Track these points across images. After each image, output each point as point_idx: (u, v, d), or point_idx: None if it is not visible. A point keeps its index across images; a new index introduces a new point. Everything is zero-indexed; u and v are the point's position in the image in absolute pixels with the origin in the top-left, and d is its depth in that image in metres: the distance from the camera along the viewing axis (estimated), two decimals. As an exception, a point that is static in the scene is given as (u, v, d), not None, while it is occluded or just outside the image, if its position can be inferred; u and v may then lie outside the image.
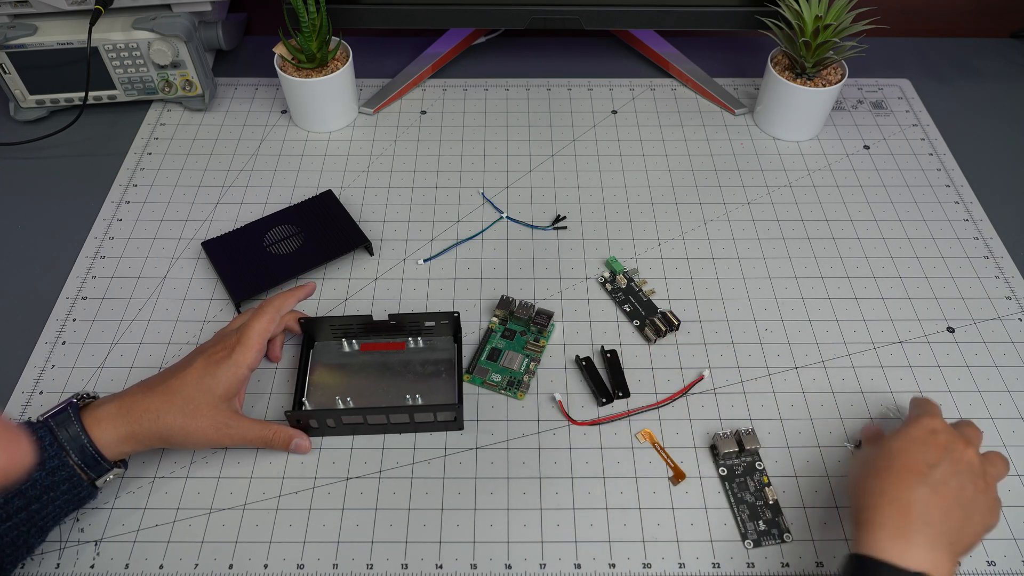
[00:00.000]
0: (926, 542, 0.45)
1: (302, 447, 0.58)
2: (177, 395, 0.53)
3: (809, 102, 0.79)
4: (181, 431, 0.53)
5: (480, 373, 0.62)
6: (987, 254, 0.72)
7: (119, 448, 0.52)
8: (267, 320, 0.58)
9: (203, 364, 0.55)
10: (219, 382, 0.54)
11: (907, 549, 0.44)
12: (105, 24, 0.78)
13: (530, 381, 0.62)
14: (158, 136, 0.83)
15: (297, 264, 0.69)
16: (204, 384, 0.54)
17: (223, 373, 0.54)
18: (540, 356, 0.64)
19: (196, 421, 0.53)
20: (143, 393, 0.53)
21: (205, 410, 0.53)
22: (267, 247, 0.70)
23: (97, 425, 0.51)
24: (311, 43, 0.76)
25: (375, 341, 0.64)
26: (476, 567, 0.53)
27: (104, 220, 0.75)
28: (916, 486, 0.47)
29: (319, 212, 0.73)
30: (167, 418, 0.52)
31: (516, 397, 0.62)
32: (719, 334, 0.66)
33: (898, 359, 0.65)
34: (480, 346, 0.64)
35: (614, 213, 0.76)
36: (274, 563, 0.53)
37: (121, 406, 0.52)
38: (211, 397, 0.54)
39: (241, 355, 0.55)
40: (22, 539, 0.49)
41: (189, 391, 0.53)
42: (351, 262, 0.71)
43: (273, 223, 0.72)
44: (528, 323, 0.65)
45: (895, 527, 0.45)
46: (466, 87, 0.89)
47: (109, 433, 0.51)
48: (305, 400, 0.60)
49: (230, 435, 0.55)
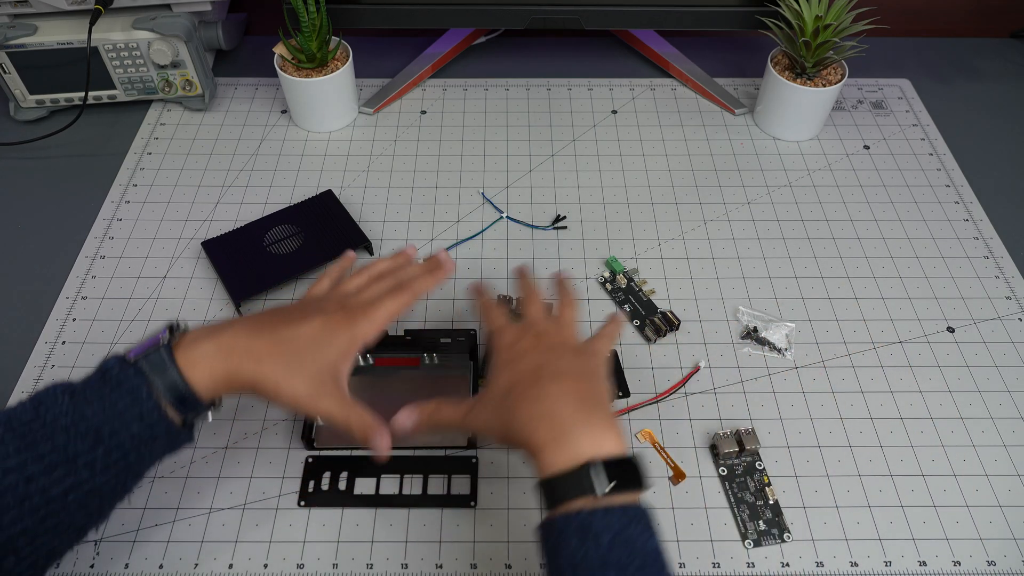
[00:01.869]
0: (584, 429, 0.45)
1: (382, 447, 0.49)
2: (286, 347, 0.48)
3: (809, 102, 0.79)
4: (275, 384, 0.48)
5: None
6: (987, 254, 0.72)
7: (215, 389, 0.47)
8: (403, 305, 0.53)
9: (321, 324, 0.50)
10: (334, 349, 0.49)
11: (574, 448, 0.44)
12: (105, 24, 0.78)
13: None
14: (158, 136, 0.83)
15: (297, 264, 0.69)
16: (318, 345, 0.49)
17: (340, 341, 0.50)
18: None
19: (294, 379, 0.48)
20: (247, 335, 0.48)
21: (309, 371, 0.48)
22: (267, 247, 0.70)
23: (193, 368, 0.46)
24: (311, 43, 0.76)
25: (390, 356, 0.63)
26: (476, 567, 0.53)
27: (104, 220, 0.75)
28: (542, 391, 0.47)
29: (319, 212, 0.73)
30: (267, 366, 0.48)
31: None
32: (719, 334, 0.66)
33: (898, 359, 0.65)
34: (486, 350, 0.64)
35: (614, 213, 0.76)
36: (274, 563, 0.53)
37: (220, 346, 0.47)
38: (320, 362, 0.49)
39: (365, 329, 0.51)
40: (120, 483, 0.46)
41: (299, 346, 0.49)
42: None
43: (273, 223, 0.72)
44: None
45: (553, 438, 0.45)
46: (466, 87, 0.89)
47: (206, 375, 0.47)
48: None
49: (321, 406, 0.49)
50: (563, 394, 0.47)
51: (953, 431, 0.60)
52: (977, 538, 0.55)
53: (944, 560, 0.54)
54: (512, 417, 0.48)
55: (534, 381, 0.48)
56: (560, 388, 0.47)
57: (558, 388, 0.47)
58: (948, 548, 0.54)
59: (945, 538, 0.55)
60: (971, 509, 0.56)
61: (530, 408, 0.47)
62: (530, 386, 0.48)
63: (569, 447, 0.44)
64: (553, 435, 0.45)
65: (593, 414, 0.46)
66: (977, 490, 0.57)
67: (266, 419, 0.60)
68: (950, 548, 0.54)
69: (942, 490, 0.57)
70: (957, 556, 0.54)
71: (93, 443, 0.43)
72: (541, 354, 0.51)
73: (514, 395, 0.48)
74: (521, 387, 0.49)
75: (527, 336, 0.53)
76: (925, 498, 0.57)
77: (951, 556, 0.54)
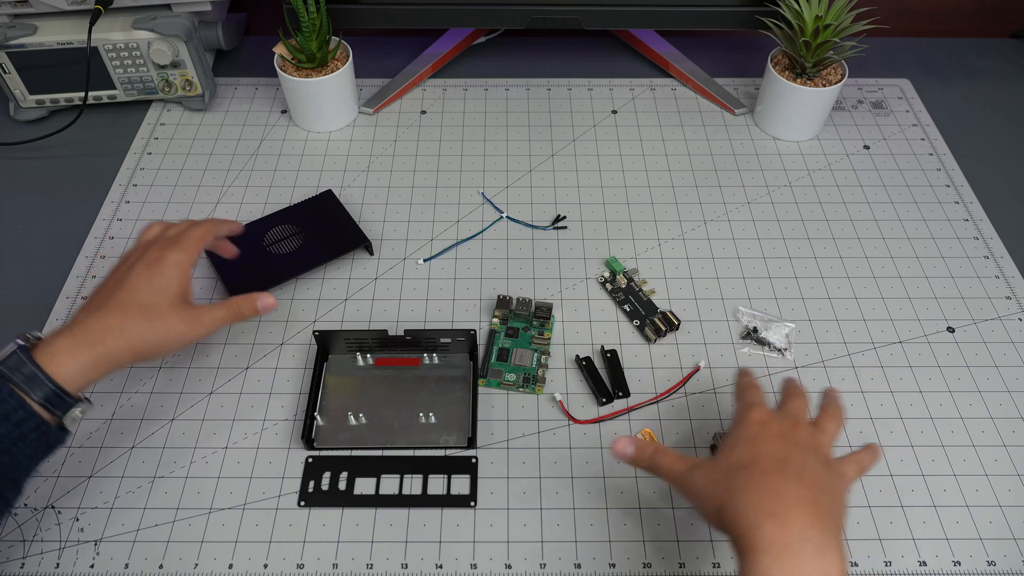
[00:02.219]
0: (814, 549, 0.41)
1: (269, 304, 0.57)
2: (132, 305, 0.51)
3: (809, 102, 0.79)
4: (152, 337, 0.51)
5: (494, 375, 0.62)
6: (987, 254, 0.72)
7: (84, 378, 0.49)
8: (206, 230, 0.57)
9: (144, 269, 0.53)
10: (169, 281, 0.52)
11: (799, 566, 0.40)
12: (105, 24, 0.78)
13: (545, 375, 0.62)
14: (158, 136, 0.83)
15: (297, 264, 0.69)
16: (155, 286, 0.52)
17: (169, 271, 0.53)
18: (549, 348, 0.64)
19: (163, 322, 0.51)
20: (94, 315, 0.50)
21: (167, 309, 0.52)
22: (267, 247, 0.70)
23: (52, 361, 0.48)
24: (311, 43, 0.76)
25: (390, 356, 0.63)
26: (476, 567, 0.53)
27: (104, 220, 0.75)
28: (782, 486, 0.43)
29: (319, 212, 0.73)
30: (132, 328, 0.50)
31: (535, 392, 0.62)
32: (719, 334, 0.66)
33: (898, 359, 0.65)
34: (487, 349, 0.64)
35: (614, 213, 0.76)
36: (274, 563, 0.53)
37: (75, 334, 0.49)
38: (168, 296, 0.52)
39: (182, 253, 0.54)
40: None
41: (143, 297, 0.51)
42: (351, 262, 0.71)
43: (273, 223, 0.72)
44: (530, 319, 0.65)
45: (780, 544, 0.40)
46: (466, 87, 0.89)
47: (69, 365, 0.48)
48: (317, 415, 0.60)
49: (202, 322, 0.53)
50: (803, 500, 0.42)
51: (953, 431, 0.60)
52: (977, 538, 0.55)
53: (944, 560, 0.54)
54: (735, 497, 0.43)
55: (775, 470, 0.44)
56: (802, 491, 0.43)
57: (799, 490, 0.43)
58: (948, 548, 0.54)
59: (945, 538, 0.55)
60: (971, 509, 0.56)
61: (759, 497, 0.43)
62: (768, 473, 0.44)
63: (793, 562, 0.40)
64: (780, 540, 0.41)
65: (829, 536, 0.41)
66: (977, 490, 0.57)
67: (266, 419, 0.60)
68: (950, 548, 0.54)
69: (942, 490, 0.57)
70: (957, 556, 0.54)
71: None
72: (790, 446, 0.46)
73: (746, 474, 0.44)
74: (758, 470, 0.44)
75: (781, 422, 0.48)
76: (925, 498, 0.57)
77: (951, 556, 0.54)
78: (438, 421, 0.60)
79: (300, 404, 0.61)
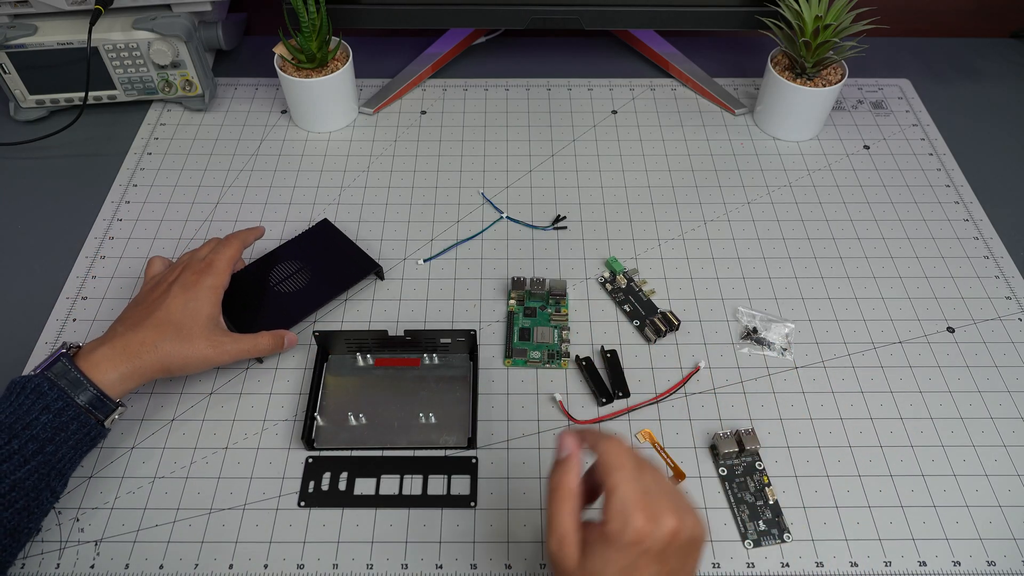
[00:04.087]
0: None
1: (293, 341, 0.63)
2: (168, 324, 0.56)
3: (809, 102, 0.79)
4: (180, 357, 0.56)
5: (519, 355, 0.63)
6: (987, 254, 0.72)
7: (122, 387, 0.54)
8: (235, 250, 0.62)
9: (181, 292, 0.58)
10: (203, 305, 0.58)
11: None
12: (105, 24, 0.78)
13: (568, 349, 0.64)
14: (158, 136, 0.83)
15: (311, 300, 0.65)
16: (190, 309, 0.57)
17: (202, 295, 0.58)
18: (568, 324, 0.65)
19: (192, 344, 0.56)
20: (133, 330, 0.55)
21: (198, 332, 0.57)
22: (275, 286, 0.67)
23: (96, 368, 0.53)
24: (311, 43, 0.76)
25: (390, 356, 0.63)
26: (476, 567, 0.53)
27: (104, 220, 0.75)
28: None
29: (321, 243, 0.70)
30: (165, 347, 0.55)
31: (560, 367, 0.63)
32: (719, 334, 0.66)
33: (898, 359, 0.65)
34: (508, 330, 0.65)
35: (614, 213, 0.76)
36: (274, 563, 0.53)
37: (114, 346, 0.54)
38: (201, 319, 0.57)
39: (214, 278, 0.59)
40: (44, 482, 0.50)
41: (178, 318, 0.56)
42: (351, 262, 0.71)
43: (275, 260, 0.68)
44: (546, 297, 0.66)
45: None
46: (466, 87, 0.89)
47: (110, 374, 0.53)
48: (317, 415, 0.60)
49: (227, 350, 0.58)
50: None
51: (953, 431, 0.60)
52: (977, 538, 0.55)
53: (944, 560, 0.54)
54: None
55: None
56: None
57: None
58: (948, 548, 0.54)
59: (945, 538, 0.55)
60: (971, 509, 0.56)
61: None
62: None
63: None
64: None
65: None
66: (977, 490, 0.57)
67: (266, 419, 0.60)
68: (950, 548, 0.54)
69: (942, 490, 0.57)
70: (957, 556, 0.54)
71: (8, 438, 0.49)
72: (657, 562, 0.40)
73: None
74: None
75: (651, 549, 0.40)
76: (925, 498, 0.57)
77: (951, 556, 0.54)
78: (438, 421, 0.60)
79: (300, 404, 0.61)
